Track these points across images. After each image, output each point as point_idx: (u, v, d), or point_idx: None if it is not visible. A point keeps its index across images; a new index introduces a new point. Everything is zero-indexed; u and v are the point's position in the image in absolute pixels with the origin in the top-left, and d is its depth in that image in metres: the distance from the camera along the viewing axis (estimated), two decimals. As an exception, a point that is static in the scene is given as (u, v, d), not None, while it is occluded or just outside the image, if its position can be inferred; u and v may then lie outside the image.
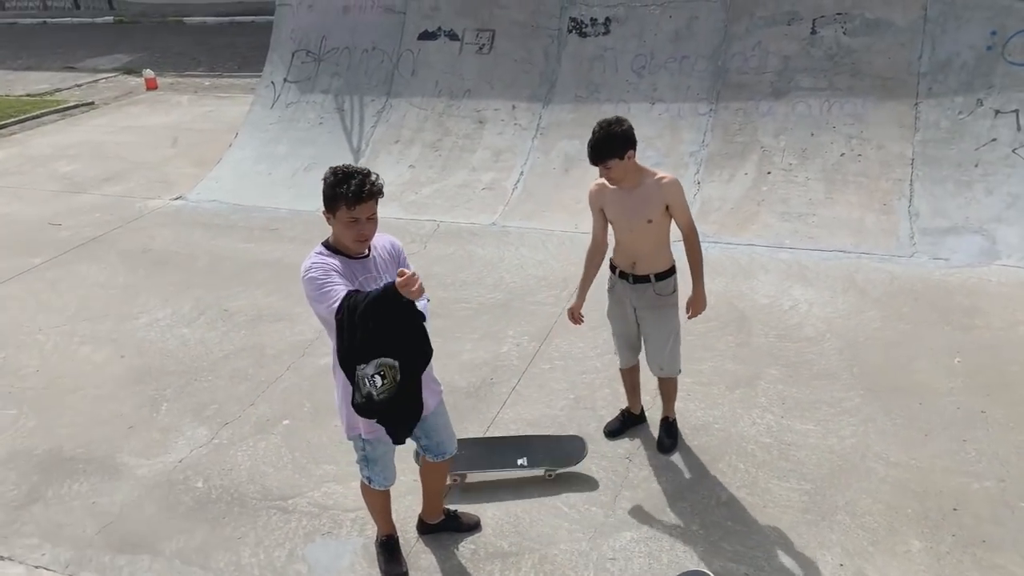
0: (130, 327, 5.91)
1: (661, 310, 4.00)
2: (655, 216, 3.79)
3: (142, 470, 4.43)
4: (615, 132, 3.59)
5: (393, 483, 3.54)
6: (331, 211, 2.99)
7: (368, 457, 3.41)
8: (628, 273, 3.98)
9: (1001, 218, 6.46)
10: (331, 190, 2.95)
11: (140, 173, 9.31)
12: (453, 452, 3.63)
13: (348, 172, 2.95)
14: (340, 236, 3.04)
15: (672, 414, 4.40)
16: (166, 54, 16.87)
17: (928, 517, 3.76)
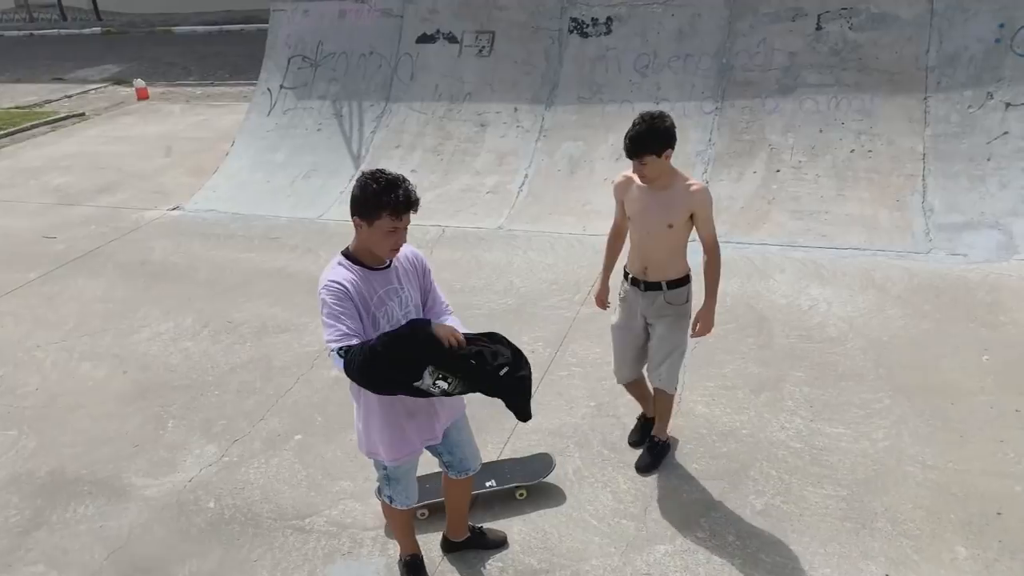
0: (131, 342, 5.73)
1: (671, 320, 3.81)
2: (676, 222, 3.62)
3: (150, 491, 4.26)
4: (658, 127, 3.43)
5: (416, 501, 3.40)
6: (369, 219, 2.79)
7: (390, 476, 3.26)
8: (640, 280, 3.81)
9: (1017, 212, 6.35)
10: (376, 198, 2.76)
11: (135, 184, 9.13)
12: (476, 468, 3.48)
13: (393, 179, 2.79)
14: (372, 245, 2.86)
15: (663, 435, 4.20)
16: (156, 64, 16.68)
17: (972, 523, 3.63)
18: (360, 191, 2.79)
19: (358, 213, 2.81)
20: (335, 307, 2.80)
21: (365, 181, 2.79)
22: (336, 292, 2.81)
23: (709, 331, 3.85)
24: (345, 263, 2.90)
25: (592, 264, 6.37)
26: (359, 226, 2.84)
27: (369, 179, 2.79)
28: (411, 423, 3.12)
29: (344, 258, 2.92)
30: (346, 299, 2.81)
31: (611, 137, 7.82)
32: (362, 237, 2.87)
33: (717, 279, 3.76)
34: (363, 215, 2.80)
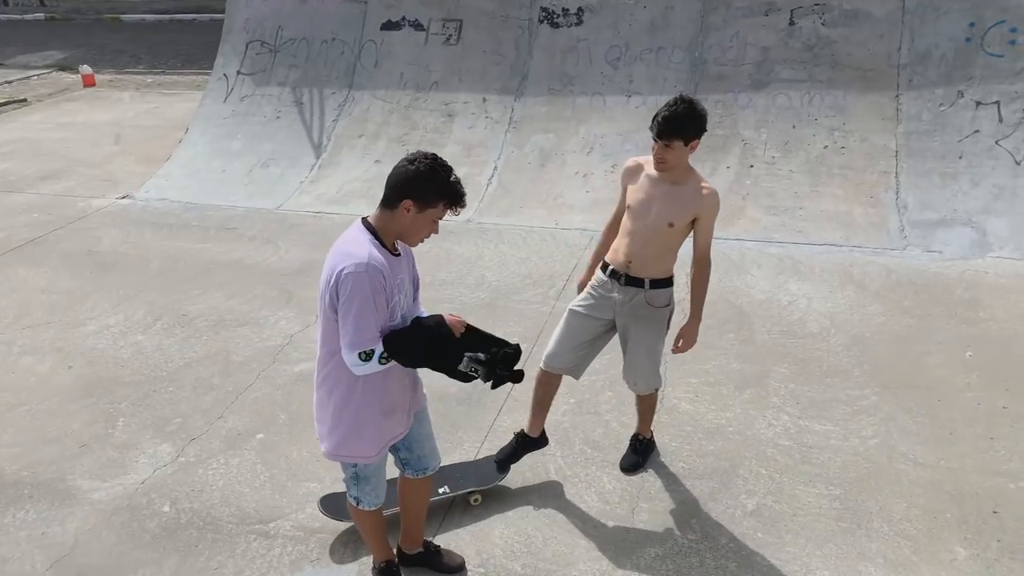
0: (77, 335, 5.36)
1: (647, 323, 3.54)
2: (678, 222, 3.37)
3: (98, 494, 3.93)
4: (697, 111, 3.19)
5: (383, 500, 3.12)
6: (424, 204, 2.59)
7: (359, 475, 3.00)
8: (621, 273, 3.53)
9: (989, 210, 6.35)
10: (442, 186, 2.59)
11: (81, 171, 8.66)
12: (435, 468, 3.22)
13: (452, 171, 2.63)
14: (408, 231, 2.66)
15: (647, 433, 3.98)
16: (103, 51, 16.03)
17: (968, 522, 3.52)
18: (427, 174, 2.57)
19: (414, 196, 2.58)
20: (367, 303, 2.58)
21: (431, 166, 2.58)
22: (374, 281, 2.57)
23: (691, 348, 3.60)
24: (376, 242, 2.64)
25: (565, 258, 6.20)
26: (407, 209, 2.60)
27: (436, 165, 2.59)
28: (390, 418, 2.91)
29: (376, 240, 2.65)
30: (380, 292, 2.60)
31: (582, 129, 7.66)
32: (403, 221, 2.63)
33: (704, 293, 3.54)
34: (419, 199, 2.58)
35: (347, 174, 7.82)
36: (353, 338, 2.60)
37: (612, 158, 7.41)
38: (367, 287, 2.55)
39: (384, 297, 2.62)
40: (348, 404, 2.82)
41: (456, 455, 4.08)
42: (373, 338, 2.61)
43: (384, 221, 2.66)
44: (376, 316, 2.60)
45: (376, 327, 2.62)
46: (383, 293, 2.60)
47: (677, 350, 3.62)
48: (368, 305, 2.57)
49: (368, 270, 2.55)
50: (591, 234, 6.58)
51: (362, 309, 2.57)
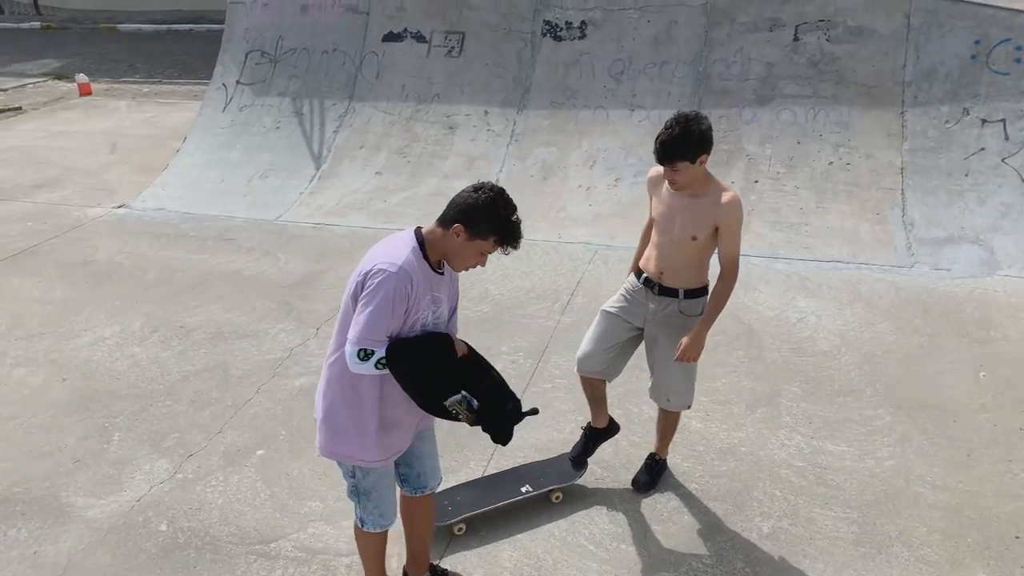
0: (72, 346, 5.23)
1: (680, 332, 3.44)
2: (701, 235, 3.29)
3: (93, 511, 3.81)
4: (693, 131, 3.09)
5: (392, 522, 2.98)
6: (474, 234, 2.57)
7: (359, 488, 2.85)
8: (654, 282, 3.48)
9: (996, 228, 6.30)
10: (499, 222, 2.57)
11: (77, 180, 8.55)
12: (435, 487, 3.10)
13: (515, 209, 2.61)
14: (454, 255, 2.64)
15: (664, 454, 3.89)
16: (100, 60, 15.93)
17: (990, 547, 3.43)
18: (487, 206, 2.56)
19: (467, 223, 2.56)
20: (387, 304, 2.52)
21: (493, 199, 2.57)
22: (400, 286, 2.52)
23: (694, 359, 3.44)
24: (419, 253, 2.60)
25: (569, 272, 6.12)
26: (457, 234, 2.57)
27: (497, 199, 2.58)
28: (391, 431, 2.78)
29: (419, 246, 2.61)
30: (402, 300, 2.54)
31: (585, 143, 7.60)
32: (451, 243, 2.60)
33: (722, 305, 3.38)
34: (471, 227, 2.56)
35: (347, 186, 7.73)
36: (361, 332, 2.54)
37: (615, 172, 7.35)
38: (391, 289, 2.50)
39: (405, 306, 2.55)
40: (348, 401, 2.72)
41: (462, 474, 3.98)
42: (379, 340, 2.54)
43: (435, 236, 2.62)
44: (390, 320, 2.53)
45: (386, 330, 2.55)
46: (405, 302, 2.54)
47: (679, 357, 3.40)
48: (386, 306, 2.51)
49: (399, 273, 2.51)
50: (595, 248, 6.50)
51: (379, 308, 2.51)
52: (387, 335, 2.56)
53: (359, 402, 2.71)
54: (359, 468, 2.81)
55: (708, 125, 3.15)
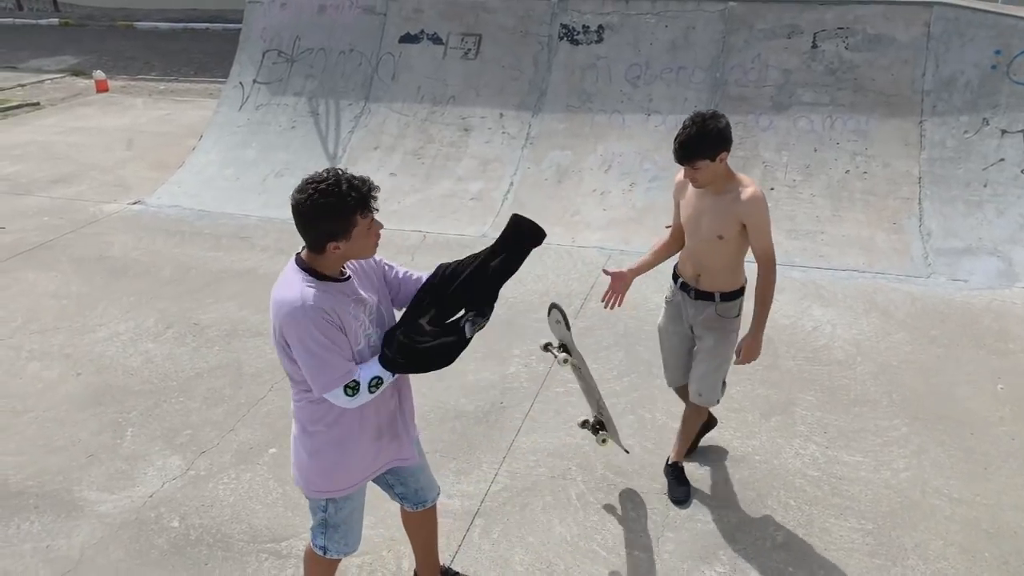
0: (86, 341, 5.25)
1: (719, 333, 3.50)
2: (727, 233, 3.29)
3: (105, 506, 3.81)
4: (710, 129, 3.09)
5: (355, 550, 2.88)
6: (343, 234, 2.36)
7: (329, 522, 2.75)
8: (691, 287, 3.51)
9: (1015, 239, 6.25)
10: (338, 208, 2.31)
11: (93, 176, 8.59)
12: (434, 499, 3.03)
13: (334, 180, 2.33)
14: (358, 251, 2.44)
15: (681, 460, 3.88)
16: (117, 57, 16.02)
17: (1008, 562, 3.39)
18: (324, 208, 2.31)
19: (330, 233, 2.35)
20: (321, 342, 2.37)
21: (315, 200, 2.30)
22: (319, 321, 2.36)
23: (753, 360, 3.49)
24: (312, 281, 2.41)
25: (583, 276, 6.10)
26: (336, 248, 2.38)
27: (320, 194, 2.30)
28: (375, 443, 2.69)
29: (307, 274, 2.42)
30: (331, 326, 2.39)
31: (600, 147, 7.58)
32: (342, 253, 2.41)
33: (769, 302, 3.38)
34: (334, 235, 2.36)
35: (362, 186, 7.72)
36: (326, 381, 2.42)
37: (630, 176, 7.32)
38: (312, 329, 2.36)
39: (337, 328, 2.41)
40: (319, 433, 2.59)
41: (474, 476, 3.97)
42: (345, 373, 2.42)
43: (319, 259, 2.43)
44: (337, 350, 2.40)
45: (343, 360, 2.42)
46: (334, 325, 2.40)
47: (739, 362, 3.52)
48: (323, 344, 2.38)
49: (306, 312, 2.35)
50: (608, 252, 6.48)
51: (320, 350, 2.38)
52: (349, 360, 2.45)
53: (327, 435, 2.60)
54: (332, 502, 2.71)
55: (726, 123, 3.15)
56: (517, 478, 3.95)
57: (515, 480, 3.94)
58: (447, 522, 3.65)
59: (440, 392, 4.64)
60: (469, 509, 3.75)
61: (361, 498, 2.80)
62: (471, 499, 3.81)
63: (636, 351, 5.00)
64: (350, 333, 2.47)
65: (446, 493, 3.83)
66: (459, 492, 3.86)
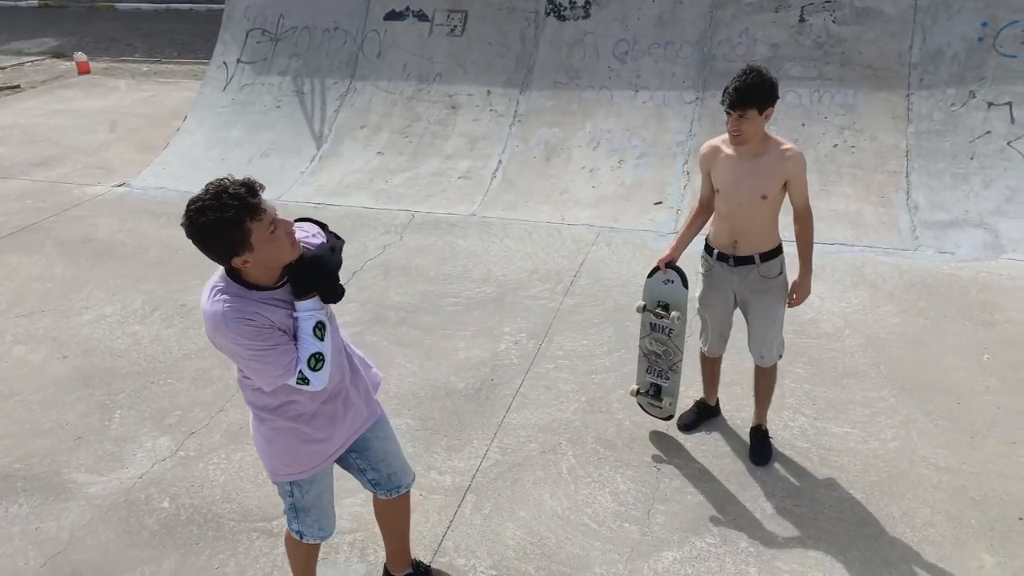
0: (73, 324, 5.22)
1: (766, 294, 3.58)
2: (771, 192, 3.37)
3: (94, 488, 3.80)
4: (767, 79, 3.18)
5: (332, 534, 2.89)
6: (243, 247, 2.21)
7: (297, 506, 2.74)
8: (728, 255, 3.55)
9: (1001, 211, 6.27)
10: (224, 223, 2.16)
11: (76, 158, 8.50)
12: (409, 484, 2.98)
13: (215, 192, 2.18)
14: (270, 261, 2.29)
15: (765, 422, 3.95)
16: (98, 39, 15.80)
17: (994, 528, 3.42)
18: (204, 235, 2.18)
19: (231, 252, 2.22)
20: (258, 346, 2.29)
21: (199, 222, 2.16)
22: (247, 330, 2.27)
23: (806, 299, 3.64)
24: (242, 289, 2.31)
25: (572, 254, 6.08)
26: (245, 263, 2.26)
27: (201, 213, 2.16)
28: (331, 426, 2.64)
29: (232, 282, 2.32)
30: (262, 330, 2.30)
31: (588, 124, 7.55)
32: (260, 264, 2.28)
33: (812, 245, 3.58)
34: (236, 250, 2.22)
35: (348, 165, 7.68)
36: (271, 381, 2.39)
37: (619, 153, 7.30)
38: (242, 339, 2.27)
39: (264, 327, 2.31)
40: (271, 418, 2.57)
41: (465, 452, 3.97)
42: (289, 365, 2.35)
43: (241, 272, 2.32)
44: (271, 351, 2.31)
45: (280, 356, 2.33)
46: (265, 329, 2.30)
47: (793, 303, 3.62)
48: (253, 350, 2.29)
49: (228, 324, 2.25)
50: (598, 230, 6.47)
51: (255, 356, 2.31)
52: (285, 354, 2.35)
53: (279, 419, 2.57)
54: (296, 485, 2.69)
55: (777, 80, 3.24)
56: (508, 454, 3.96)
57: (506, 456, 3.94)
58: (438, 498, 3.67)
59: (430, 370, 4.64)
60: (460, 485, 3.75)
61: (327, 480, 2.76)
62: (462, 475, 3.82)
63: (625, 327, 5.00)
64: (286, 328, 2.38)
65: (437, 469, 3.85)
66: (450, 468, 3.86)
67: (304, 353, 2.38)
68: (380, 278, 5.72)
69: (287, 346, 2.36)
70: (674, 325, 3.76)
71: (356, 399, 2.71)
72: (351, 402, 2.69)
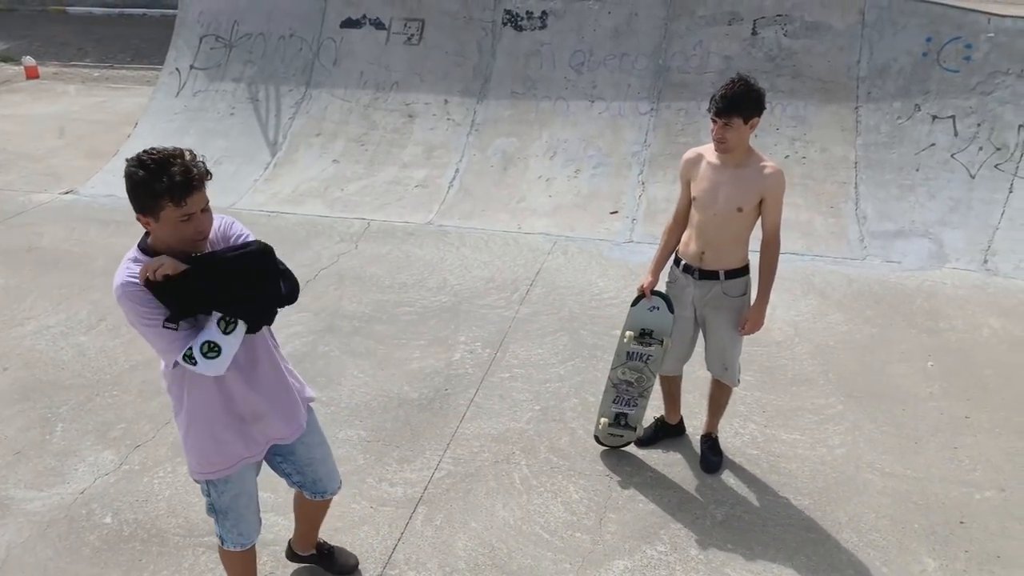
0: (14, 335, 5.07)
1: (727, 312, 3.57)
2: (746, 206, 3.35)
3: (33, 504, 3.69)
4: (754, 89, 3.20)
5: (254, 540, 2.87)
6: (151, 213, 2.28)
7: (215, 507, 2.74)
8: (694, 267, 3.54)
9: (945, 222, 6.43)
10: (147, 187, 2.24)
11: (22, 165, 8.29)
12: (335, 490, 3.00)
13: (162, 158, 2.26)
14: (170, 239, 2.34)
15: (716, 431, 3.98)
16: (48, 43, 15.46)
17: (936, 532, 3.49)
18: (129, 182, 2.27)
19: (138, 209, 2.30)
20: (144, 321, 2.34)
21: (130, 169, 2.27)
22: (133, 300, 2.32)
23: (758, 330, 3.60)
24: (141, 255, 2.38)
25: (528, 263, 6.09)
26: (147, 224, 2.34)
27: (135, 166, 2.26)
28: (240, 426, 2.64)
29: (140, 251, 2.40)
30: (148, 304, 2.33)
31: (545, 134, 7.58)
32: (157, 235, 2.35)
33: (773, 274, 3.51)
34: (143, 210, 2.29)
35: (303, 173, 7.61)
36: (162, 353, 2.44)
37: (575, 163, 7.34)
38: (135, 307, 2.33)
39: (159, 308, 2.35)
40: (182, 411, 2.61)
41: (417, 463, 3.94)
42: (176, 342, 2.37)
43: (152, 238, 2.39)
44: (160, 329, 2.35)
45: (170, 337, 2.36)
46: (151, 304, 2.33)
47: (743, 332, 3.59)
48: (147, 322, 2.34)
49: (125, 292, 2.32)
50: (554, 239, 6.49)
51: (146, 330, 2.37)
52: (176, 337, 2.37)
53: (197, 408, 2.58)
54: (212, 485, 2.70)
55: (763, 90, 3.26)
56: (461, 464, 3.94)
57: (459, 466, 3.92)
58: (389, 510, 3.63)
59: (384, 380, 4.60)
60: (412, 497, 3.72)
61: (245, 484, 2.74)
62: (414, 486, 3.78)
63: (580, 335, 5.02)
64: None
65: (388, 481, 3.81)
66: (402, 480, 3.83)
67: (201, 337, 2.38)
68: (334, 287, 5.67)
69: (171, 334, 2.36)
70: (655, 352, 3.69)
71: (274, 415, 2.68)
72: (267, 408, 2.66)
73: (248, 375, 2.58)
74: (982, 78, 6.89)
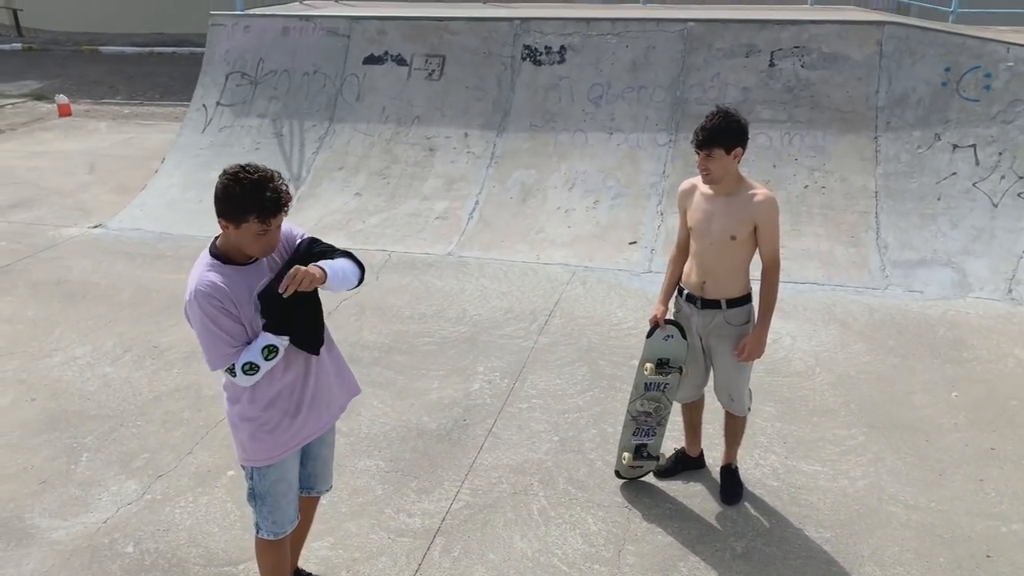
0: (42, 366, 5.16)
1: (731, 340, 3.57)
2: (740, 234, 3.38)
3: (58, 533, 3.74)
4: (733, 120, 3.25)
5: (288, 530, 2.96)
6: (234, 222, 2.52)
7: (255, 491, 2.89)
8: (696, 296, 3.57)
9: (968, 251, 6.38)
10: (241, 201, 2.48)
11: (53, 200, 8.49)
12: (324, 490, 3.16)
13: (258, 179, 2.50)
14: (243, 246, 2.58)
15: (735, 461, 3.95)
16: (81, 82, 15.89)
17: (962, 566, 3.43)
18: (223, 193, 2.51)
19: (222, 215, 2.54)
20: (208, 327, 2.57)
21: (227, 183, 2.51)
22: (206, 306, 2.55)
23: (758, 357, 3.59)
24: (215, 264, 2.61)
25: (547, 293, 6.12)
26: (225, 228, 2.57)
27: (231, 180, 2.50)
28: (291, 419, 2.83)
29: (212, 258, 2.64)
30: (220, 314, 2.56)
31: (563, 166, 7.65)
32: (231, 238, 2.59)
33: (773, 301, 3.52)
34: (228, 217, 2.53)
35: (326, 206, 7.73)
36: (211, 361, 2.64)
37: (594, 194, 7.39)
38: (200, 313, 2.55)
39: (228, 316, 2.57)
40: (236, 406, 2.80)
41: (436, 494, 3.94)
42: (224, 356, 2.60)
43: (222, 239, 2.64)
44: (222, 337, 2.57)
45: (226, 347, 2.59)
46: (224, 313, 2.56)
47: (742, 359, 3.56)
48: (208, 329, 2.56)
49: (196, 297, 2.55)
50: (573, 269, 6.52)
51: (204, 335, 2.59)
52: (232, 347, 2.59)
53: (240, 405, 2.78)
54: (256, 470, 2.85)
55: (747, 124, 3.31)
56: (479, 495, 3.94)
57: (477, 497, 3.92)
58: (407, 541, 3.64)
59: (403, 411, 4.63)
60: (430, 528, 3.72)
61: (286, 472, 2.88)
62: (432, 517, 3.79)
63: (599, 366, 5.02)
64: (244, 315, 2.60)
65: (407, 512, 3.82)
66: (420, 511, 3.83)
67: (244, 356, 2.60)
68: (354, 318, 5.72)
69: (233, 340, 2.58)
70: (672, 380, 3.70)
71: (324, 397, 2.90)
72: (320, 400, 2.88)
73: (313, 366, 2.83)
74: (1003, 107, 6.87)
